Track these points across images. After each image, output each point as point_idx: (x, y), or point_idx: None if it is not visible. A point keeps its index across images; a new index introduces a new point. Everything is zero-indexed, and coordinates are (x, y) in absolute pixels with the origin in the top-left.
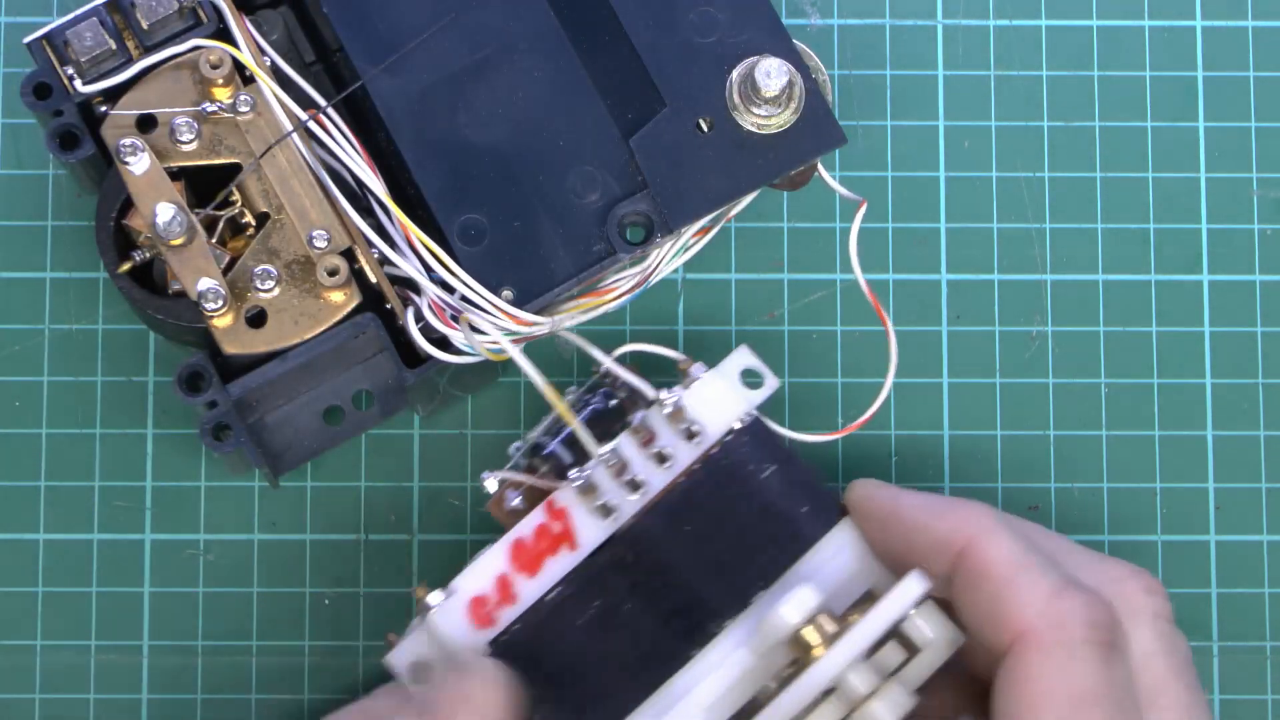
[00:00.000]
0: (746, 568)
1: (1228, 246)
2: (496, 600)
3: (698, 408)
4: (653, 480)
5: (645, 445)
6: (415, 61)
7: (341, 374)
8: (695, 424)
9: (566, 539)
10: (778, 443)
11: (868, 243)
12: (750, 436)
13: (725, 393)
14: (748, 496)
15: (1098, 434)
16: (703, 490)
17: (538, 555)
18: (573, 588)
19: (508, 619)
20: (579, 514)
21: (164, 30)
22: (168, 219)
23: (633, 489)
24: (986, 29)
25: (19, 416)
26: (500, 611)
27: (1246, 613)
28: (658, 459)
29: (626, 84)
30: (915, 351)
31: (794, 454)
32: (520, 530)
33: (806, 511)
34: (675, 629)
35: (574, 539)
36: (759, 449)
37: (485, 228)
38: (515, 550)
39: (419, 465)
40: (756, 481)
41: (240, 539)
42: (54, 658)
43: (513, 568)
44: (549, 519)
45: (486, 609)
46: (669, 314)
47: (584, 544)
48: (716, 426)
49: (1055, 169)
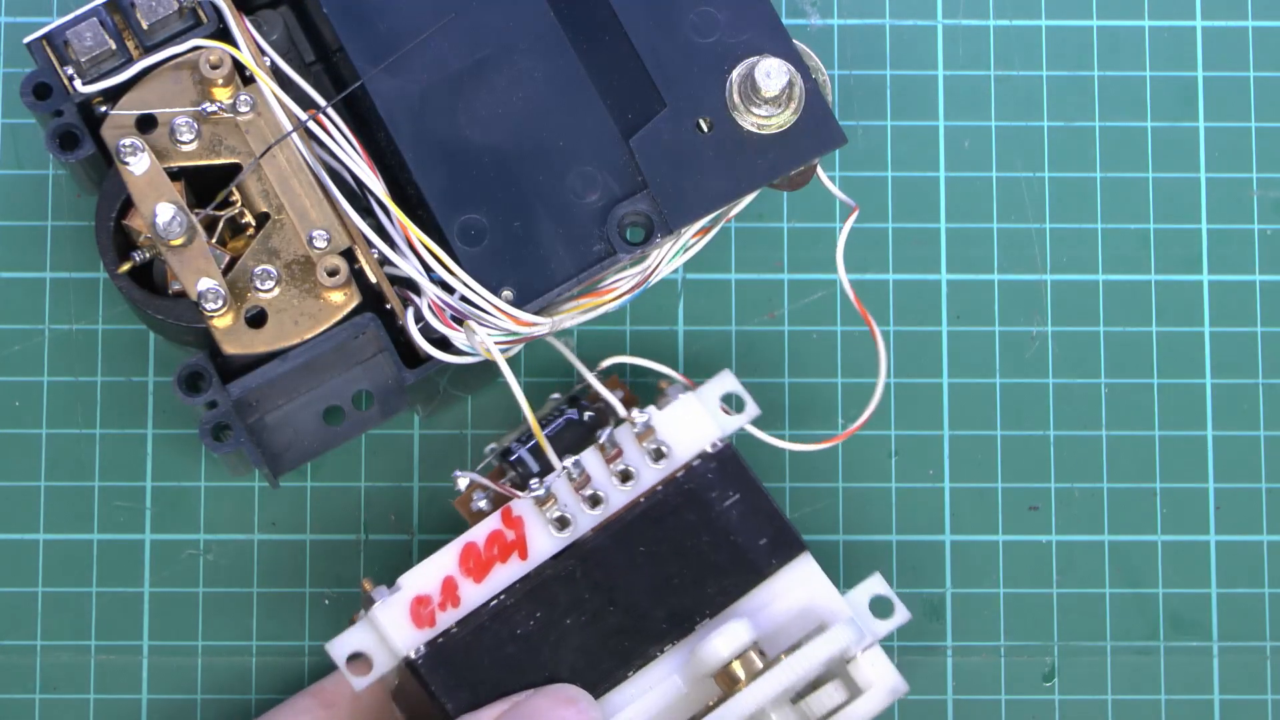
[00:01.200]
0: (694, 594)
1: (1228, 246)
2: (439, 601)
3: (668, 429)
4: (613, 497)
5: (610, 462)
6: (415, 61)
7: (341, 374)
8: (664, 445)
9: (518, 547)
10: (747, 472)
11: (868, 243)
12: (718, 463)
13: (699, 416)
14: (707, 523)
15: (1098, 434)
16: (661, 512)
17: (488, 561)
18: (516, 597)
19: (447, 622)
20: (534, 524)
21: (164, 30)
22: (168, 219)
23: (592, 504)
24: (986, 29)
25: (19, 416)
26: (442, 613)
27: (1246, 613)
28: (621, 476)
29: (626, 84)
30: (915, 351)
31: (760, 486)
32: (473, 534)
33: (764, 544)
34: (613, 648)
35: (525, 548)
36: (725, 477)
37: (485, 228)
38: (466, 554)
39: (419, 465)
40: (718, 509)
41: (240, 539)
42: (54, 658)
43: (460, 571)
44: (503, 526)
45: (428, 609)
46: (669, 314)
47: (535, 555)
48: (685, 450)
49: (1055, 169)
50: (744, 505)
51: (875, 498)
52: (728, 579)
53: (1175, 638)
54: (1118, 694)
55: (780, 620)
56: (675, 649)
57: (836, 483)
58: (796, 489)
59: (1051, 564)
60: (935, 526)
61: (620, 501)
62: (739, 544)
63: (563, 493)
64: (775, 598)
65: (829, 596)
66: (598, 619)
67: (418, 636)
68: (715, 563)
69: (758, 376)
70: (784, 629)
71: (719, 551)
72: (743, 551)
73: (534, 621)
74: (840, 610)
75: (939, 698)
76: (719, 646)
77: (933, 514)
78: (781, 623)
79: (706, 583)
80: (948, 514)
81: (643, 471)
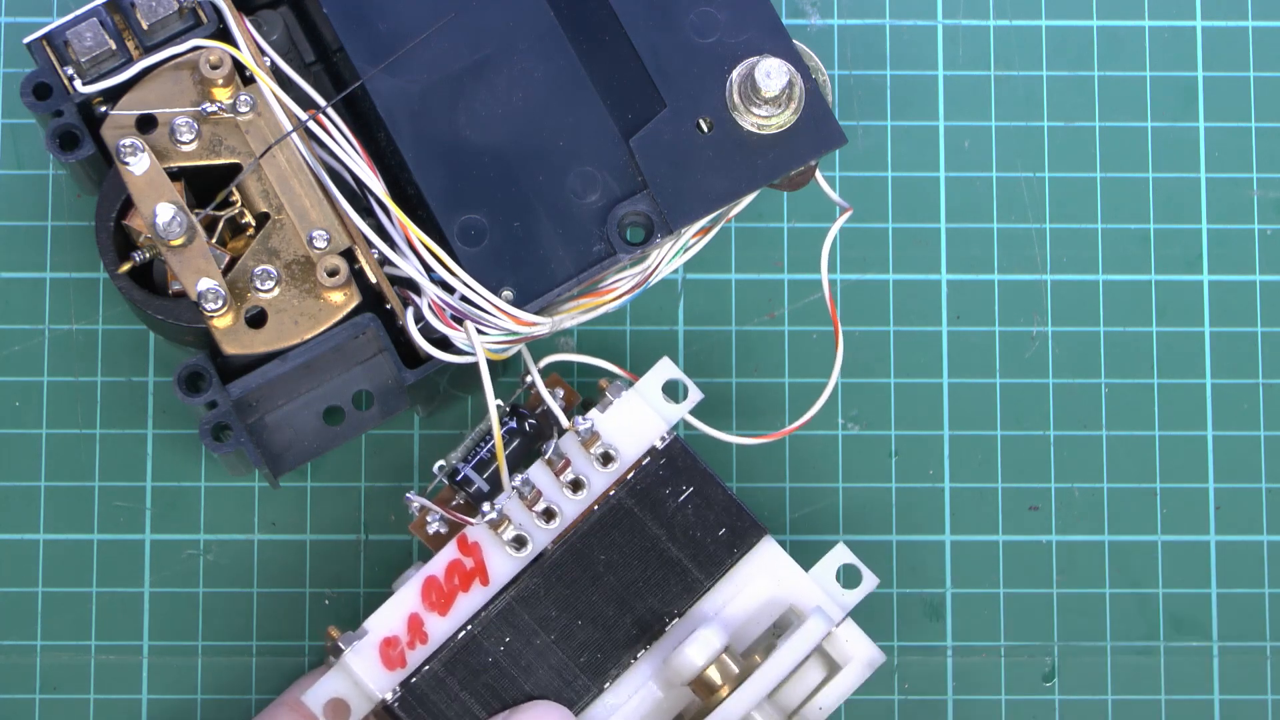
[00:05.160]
0: (661, 596)
1: (1228, 246)
2: (408, 640)
3: (613, 431)
4: (566, 508)
5: (559, 473)
6: (415, 61)
7: (341, 374)
8: (611, 448)
9: (479, 574)
10: (697, 463)
11: (868, 243)
12: (667, 458)
13: (643, 413)
14: (664, 522)
15: (1098, 434)
16: (616, 517)
17: (450, 593)
18: (483, 625)
19: (418, 660)
20: (491, 548)
21: (164, 30)
22: (168, 219)
23: (547, 518)
24: (986, 29)
25: (19, 416)
26: (411, 652)
27: (1246, 613)
28: (572, 486)
29: (626, 84)
30: (915, 351)
31: (712, 475)
32: (432, 567)
33: (724, 534)
34: (586, 663)
35: (486, 574)
36: (676, 472)
37: (485, 228)
38: (427, 588)
39: (419, 465)
40: (672, 506)
41: (240, 539)
42: (54, 658)
43: (424, 607)
44: (461, 555)
45: (397, 650)
46: (669, 314)
47: (496, 579)
48: (633, 449)
49: (1055, 169)
50: (698, 498)
51: (875, 498)
52: (692, 575)
53: (1175, 638)
54: (1118, 694)
55: (750, 608)
56: (648, 654)
57: (837, 483)
58: (796, 489)
59: (1051, 564)
60: (935, 526)
61: (574, 512)
62: (698, 539)
63: (515, 512)
64: (742, 587)
65: (795, 578)
66: (567, 635)
67: (391, 679)
68: (677, 560)
69: (758, 376)
70: (754, 617)
71: (679, 548)
72: (703, 545)
73: (504, 647)
74: (807, 590)
75: (939, 698)
76: (693, 656)
77: (933, 514)
78: (751, 610)
79: (671, 582)
80: (948, 514)
81: (593, 478)
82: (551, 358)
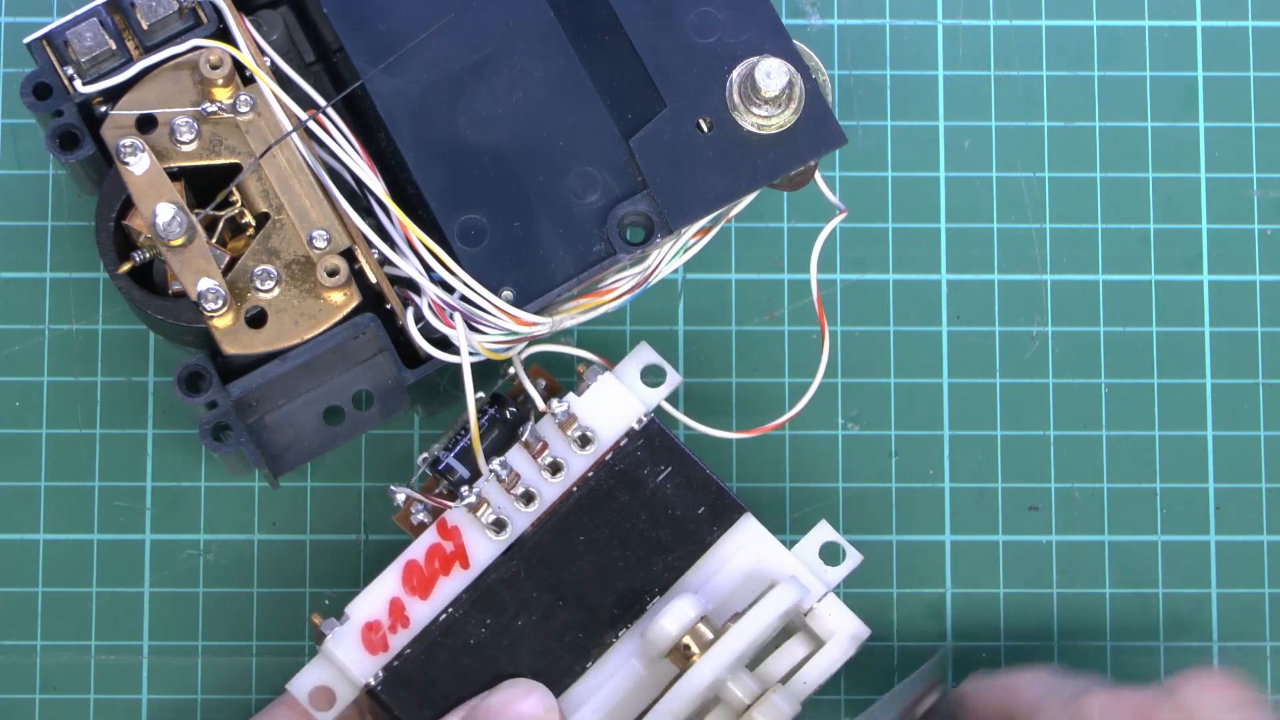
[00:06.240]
0: (641, 575)
1: (1228, 246)
2: (390, 625)
3: (590, 414)
4: (545, 491)
5: (537, 456)
6: (415, 61)
7: (341, 374)
8: (588, 430)
9: (459, 557)
10: (674, 444)
11: (868, 243)
12: (645, 439)
13: (620, 396)
14: (643, 502)
15: (1098, 434)
16: (596, 498)
17: (430, 577)
18: (464, 608)
19: (400, 644)
20: (470, 532)
21: (164, 30)
22: (168, 219)
23: (526, 501)
24: (986, 29)
25: (19, 416)
26: (393, 636)
27: (1246, 613)
28: (550, 469)
29: (626, 84)
30: (915, 351)
31: (690, 455)
32: (413, 552)
33: (703, 513)
34: (568, 643)
35: (466, 557)
36: (654, 452)
37: (485, 228)
38: (408, 573)
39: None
40: (651, 486)
41: (240, 539)
42: (54, 658)
43: (405, 591)
44: (441, 539)
45: (379, 634)
46: (669, 314)
47: (477, 562)
48: (610, 431)
49: (1055, 169)
50: (677, 478)
51: (875, 498)
52: (672, 554)
53: (1175, 638)
54: None
55: (730, 585)
56: (629, 632)
57: (837, 483)
58: (796, 489)
59: (1052, 564)
60: (935, 526)
61: (553, 494)
62: (678, 517)
63: (494, 495)
64: (722, 564)
65: (775, 555)
66: (549, 616)
67: (374, 663)
68: (657, 540)
69: (757, 376)
70: (735, 594)
71: (659, 528)
72: (683, 524)
73: (485, 629)
74: (789, 565)
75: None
76: (667, 625)
77: (933, 514)
78: (732, 587)
79: (651, 561)
80: (948, 514)
81: (571, 460)
82: (532, 349)
